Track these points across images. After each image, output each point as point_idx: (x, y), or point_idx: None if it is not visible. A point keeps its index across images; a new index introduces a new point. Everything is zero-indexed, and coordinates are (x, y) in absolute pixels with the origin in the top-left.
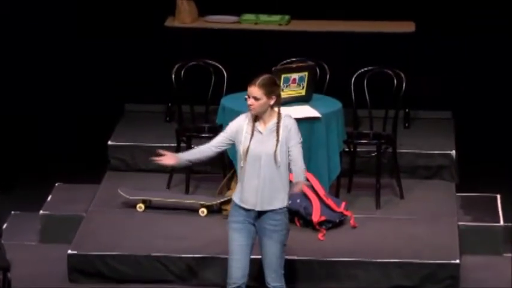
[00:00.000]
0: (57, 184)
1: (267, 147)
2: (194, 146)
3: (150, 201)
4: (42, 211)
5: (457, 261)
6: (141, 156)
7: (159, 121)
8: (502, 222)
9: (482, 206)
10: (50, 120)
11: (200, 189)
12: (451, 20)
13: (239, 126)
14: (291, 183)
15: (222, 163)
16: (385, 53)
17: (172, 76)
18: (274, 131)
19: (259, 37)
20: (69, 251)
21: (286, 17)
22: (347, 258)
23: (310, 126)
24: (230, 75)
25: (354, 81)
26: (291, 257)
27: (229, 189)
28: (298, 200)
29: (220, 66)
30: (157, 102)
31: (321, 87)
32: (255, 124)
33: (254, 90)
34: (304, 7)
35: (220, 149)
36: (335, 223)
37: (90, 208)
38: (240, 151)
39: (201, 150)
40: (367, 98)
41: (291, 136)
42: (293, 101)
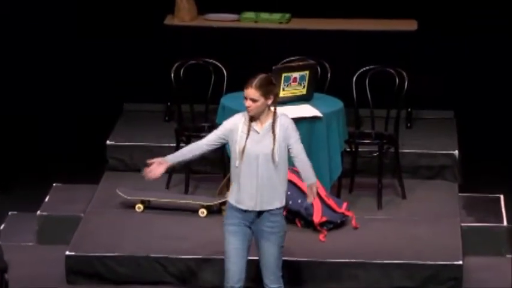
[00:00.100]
0: (54, 184)
1: (264, 147)
2: None
3: (149, 201)
4: (39, 212)
5: (460, 262)
6: (140, 156)
7: (158, 121)
8: (505, 222)
9: (485, 206)
10: (49, 120)
11: (200, 190)
12: (454, 19)
13: (234, 125)
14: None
15: (222, 163)
16: (387, 51)
17: (172, 75)
18: (271, 131)
19: (260, 35)
20: (67, 252)
21: (287, 15)
22: (348, 259)
23: (311, 126)
24: (230, 74)
25: (356, 80)
26: (291, 258)
27: (229, 189)
28: (299, 201)
29: (220, 65)
30: (156, 102)
31: (322, 86)
32: (251, 124)
33: (251, 92)
34: (304, 5)
35: (212, 147)
36: (336, 224)
37: (88, 209)
38: (235, 151)
39: (192, 150)
40: (369, 97)
41: (290, 134)
42: (294, 100)
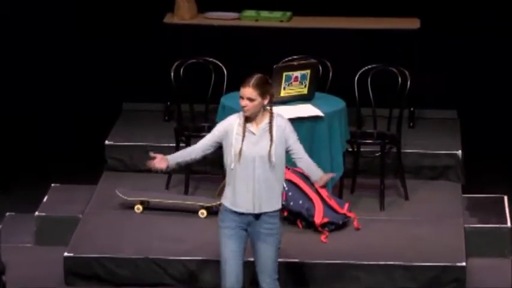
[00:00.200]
0: (53, 185)
1: (261, 148)
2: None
3: (148, 202)
4: (37, 212)
5: (463, 263)
6: (139, 156)
7: (158, 120)
8: (509, 223)
9: (489, 207)
10: (48, 120)
11: (200, 190)
12: (458, 17)
13: (229, 128)
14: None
15: (222, 163)
16: (390, 50)
17: (171, 74)
18: (267, 131)
19: (260, 34)
20: (66, 253)
21: (288, 13)
22: (350, 261)
23: (312, 126)
24: (230, 73)
25: (358, 79)
26: (293, 259)
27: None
28: (301, 201)
29: (220, 64)
30: (155, 101)
31: (323, 86)
32: (247, 125)
33: (248, 91)
34: (306, 3)
35: (206, 152)
36: (338, 225)
37: (86, 209)
38: (230, 153)
39: (190, 152)
40: (371, 96)
41: (288, 135)
42: (295, 99)
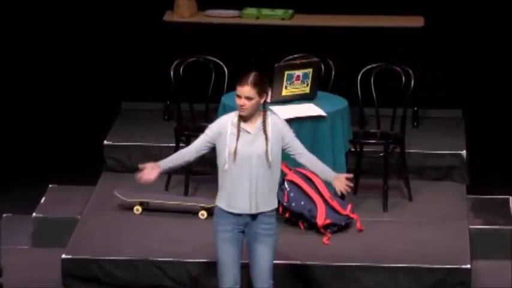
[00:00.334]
0: (50, 185)
1: (257, 147)
2: None
3: (147, 203)
4: (35, 213)
5: (468, 266)
6: (139, 156)
7: (157, 120)
8: None
9: (494, 208)
10: (48, 120)
11: (200, 191)
12: (462, 15)
13: (222, 128)
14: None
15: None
16: (393, 48)
17: (171, 73)
18: (262, 130)
19: (261, 32)
20: (63, 255)
21: (290, 11)
22: (353, 263)
23: (314, 126)
24: (231, 72)
25: (361, 78)
26: (294, 261)
27: None
28: (302, 202)
29: (221, 63)
30: (155, 100)
31: (326, 85)
32: (241, 124)
33: (246, 90)
34: (308, 1)
35: (200, 153)
36: (341, 226)
37: (85, 210)
38: (224, 154)
39: (184, 155)
40: (374, 95)
41: (285, 133)
42: (297, 98)
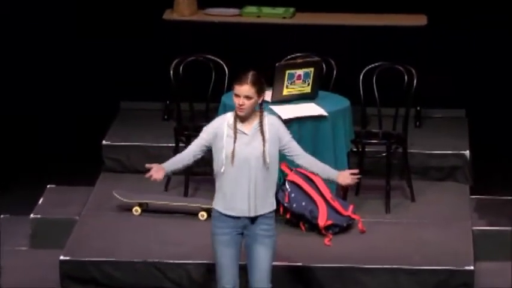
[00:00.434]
0: (48, 186)
1: (254, 149)
2: None
3: (146, 204)
4: (33, 215)
5: (471, 267)
6: (138, 156)
7: (157, 120)
8: None
9: (498, 209)
10: (48, 120)
11: (200, 192)
12: (466, 13)
13: (218, 130)
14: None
15: None
16: (396, 47)
17: (171, 72)
18: (259, 131)
19: (262, 31)
20: (62, 257)
21: (291, 9)
22: (355, 265)
23: (316, 125)
24: (231, 71)
25: (363, 77)
26: (295, 263)
27: None
28: (304, 203)
29: (221, 62)
30: (154, 100)
31: (327, 84)
32: (238, 125)
33: (246, 89)
34: None
35: (197, 157)
36: (342, 227)
37: (83, 211)
38: (221, 156)
39: (182, 159)
40: (376, 95)
41: (282, 134)
42: (298, 98)
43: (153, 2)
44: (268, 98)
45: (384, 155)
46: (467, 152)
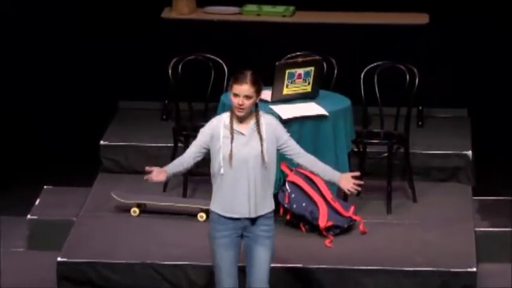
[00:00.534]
0: (45, 187)
1: (252, 149)
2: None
3: (145, 205)
4: (29, 215)
5: (474, 269)
6: (136, 157)
7: (155, 119)
8: None
9: (501, 210)
10: (47, 120)
11: (199, 192)
12: (468, 12)
13: (214, 131)
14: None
15: None
16: (397, 46)
17: (169, 71)
18: (256, 131)
19: (262, 29)
20: (59, 258)
21: (291, 8)
22: (356, 266)
23: (316, 125)
24: (231, 70)
25: (364, 76)
26: (296, 264)
27: None
28: (304, 204)
29: (220, 61)
30: (153, 100)
31: (328, 83)
32: (234, 125)
33: (246, 88)
34: None
35: (197, 160)
36: (343, 228)
37: (81, 212)
38: (219, 157)
39: (182, 163)
40: (378, 94)
41: (280, 133)
42: (298, 97)
43: (152, 1)
44: (268, 98)
45: (386, 155)
46: (469, 152)
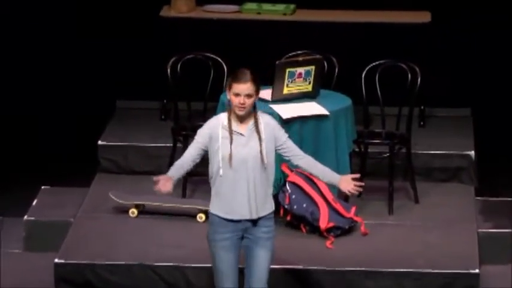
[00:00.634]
0: (43, 187)
1: (252, 149)
2: None
3: (143, 205)
4: (26, 216)
5: (476, 270)
6: (134, 157)
7: (154, 119)
8: None
9: (504, 211)
10: (47, 120)
11: (198, 193)
12: (471, 11)
13: (213, 132)
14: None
15: None
16: (399, 45)
17: (168, 70)
18: (255, 131)
19: (262, 28)
20: (56, 260)
21: (291, 6)
22: (357, 268)
23: (317, 125)
24: (230, 70)
25: (365, 75)
26: (296, 266)
27: None
28: (305, 205)
29: (220, 60)
30: (151, 99)
31: (329, 83)
32: (232, 126)
33: (247, 87)
34: None
35: (196, 162)
36: (344, 230)
37: (78, 213)
38: (218, 159)
39: (182, 166)
40: (379, 94)
41: (278, 133)
42: (299, 97)
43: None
44: (268, 97)
45: (387, 155)
46: (472, 153)
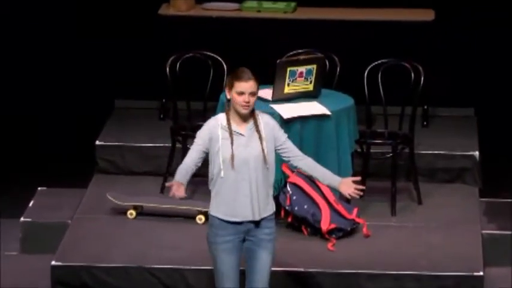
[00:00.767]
0: (39, 188)
1: (253, 149)
2: (190, 146)
3: (142, 207)
4: (23, 218)
5: (481, 273)
6: (132, 157)
7: (153, 119)
8: None
9: (508, 212)
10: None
11: (197, 194)
12: (475, 9)
13: (212, 133)
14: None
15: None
16: (402, 44)
17: (167, 69)
18: (255, 130)
19: (263, 26)
20: (53, 262)
21: (292, 4)
22: (359, 270)
23: (318, 125)
24: (230, 68)
25: (367, 75)
26: (297, 268)
27: None
28: (306, 206)
29: (220, 59)
30: (150, 98)
31: (330, 82)
32: (232, 127)
33: (251, 85)
34: None
35: (198, 165)
36: (346, 231)
37: (75, 215)
38: (219, 160)
39: (186, 170)
40: (382, 93)
41: (278, 133)
42: (300, 96)
43: None
44: (269, 97)
45: (390, 155)
46: (476, 153)
